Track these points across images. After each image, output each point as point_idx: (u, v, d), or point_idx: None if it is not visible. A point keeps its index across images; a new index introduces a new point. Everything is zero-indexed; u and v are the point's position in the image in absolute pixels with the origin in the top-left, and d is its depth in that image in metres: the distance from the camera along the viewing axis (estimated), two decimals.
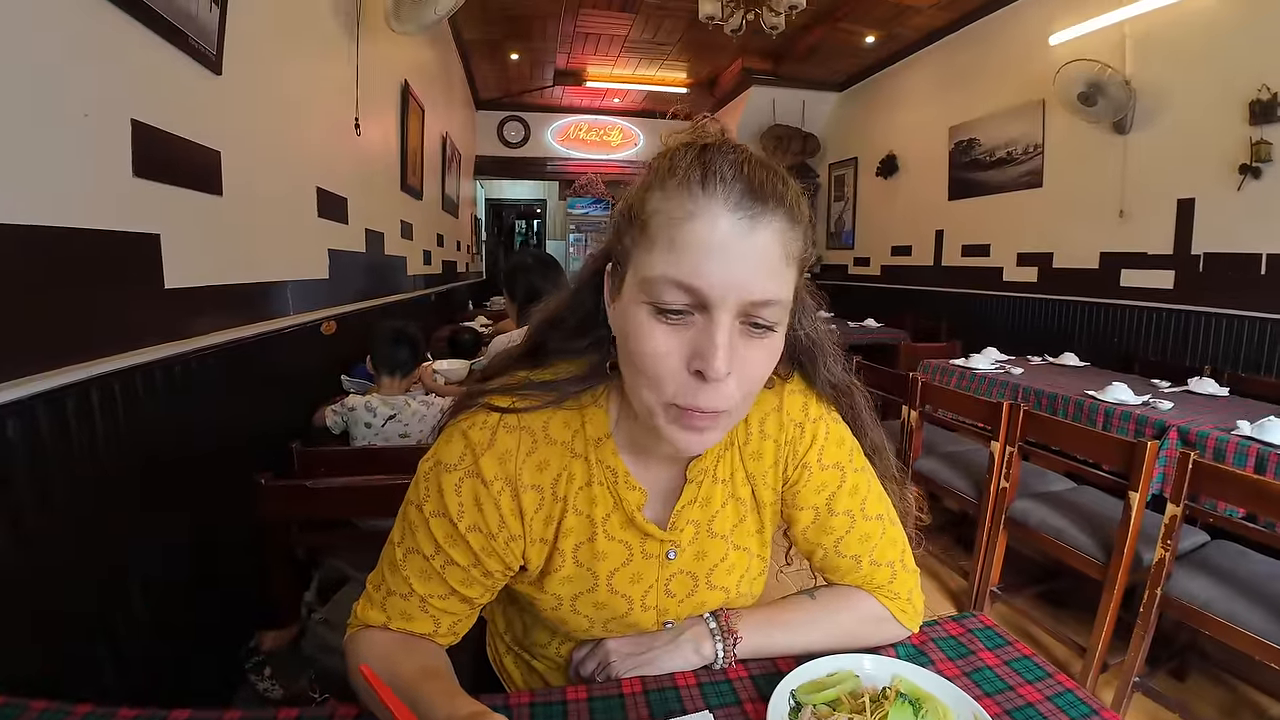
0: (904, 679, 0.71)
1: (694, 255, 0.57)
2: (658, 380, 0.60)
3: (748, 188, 0.58)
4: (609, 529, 0.75)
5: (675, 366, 0.59)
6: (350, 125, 3.02)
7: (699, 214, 0.57)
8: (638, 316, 0.60)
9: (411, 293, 4.41)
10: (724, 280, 0.56)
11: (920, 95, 6.15)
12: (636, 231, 0.62)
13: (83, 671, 1.22)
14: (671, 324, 0.59)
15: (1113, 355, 3.95)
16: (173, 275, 1.53)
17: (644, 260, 0.60)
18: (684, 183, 0.59)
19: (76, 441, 1.21)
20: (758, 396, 0.75)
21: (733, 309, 0.58)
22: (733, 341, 0.59)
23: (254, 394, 1.97)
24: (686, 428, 0.62)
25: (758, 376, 0.62)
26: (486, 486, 0.69)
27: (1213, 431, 2.06)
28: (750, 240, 0.57)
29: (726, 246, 0.57)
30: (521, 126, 8.77)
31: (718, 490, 0.79)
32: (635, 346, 0.61)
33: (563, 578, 0.75)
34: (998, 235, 5.16)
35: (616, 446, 0.74)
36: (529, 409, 0.72)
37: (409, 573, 0.71)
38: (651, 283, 0.58)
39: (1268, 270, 3.26)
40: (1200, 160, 3.55)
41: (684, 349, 0.59)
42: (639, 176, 0.65)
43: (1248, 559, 1.85)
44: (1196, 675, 2.12)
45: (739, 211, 0.57)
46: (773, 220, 0.58)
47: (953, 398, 2.62)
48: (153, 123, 1.47)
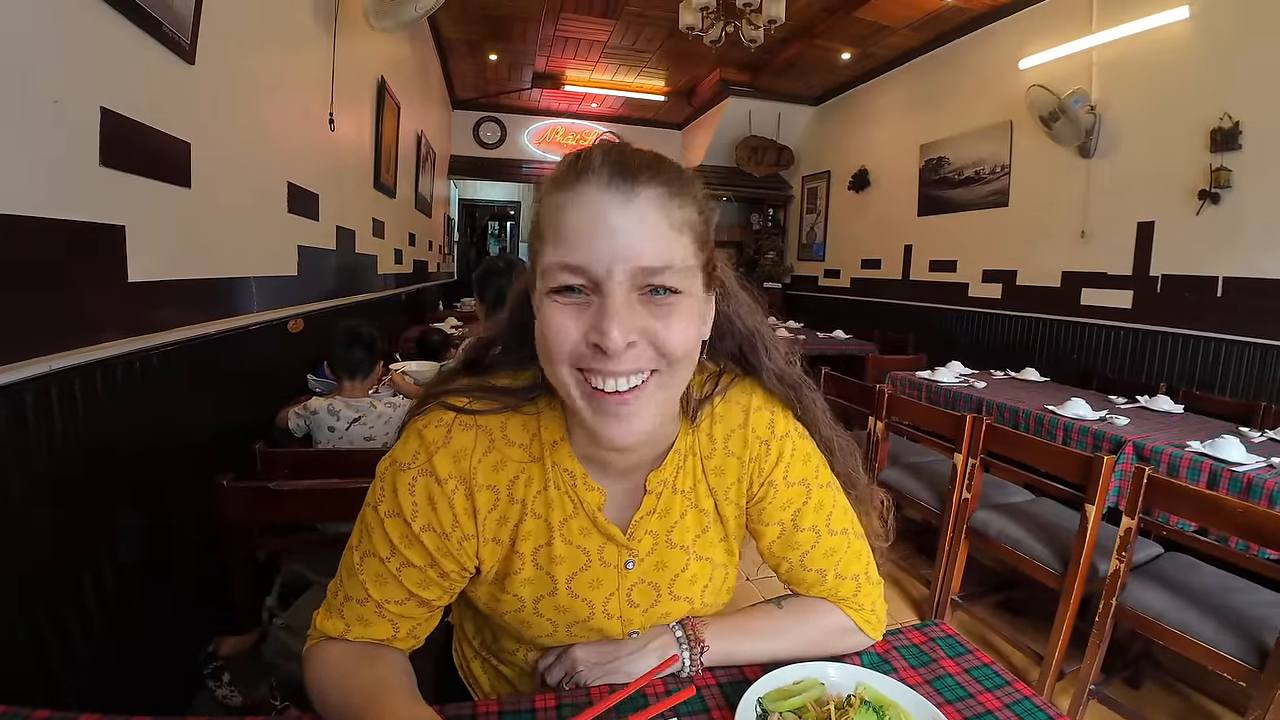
0: (868, 687, 0.72)
1: (575, 236, 0.60)
2: (559, 350, 0.62)
3: (616, 168, 0.61)
4: (566, 533, 0.75)
5: (574, 336, 0.61)
6: (324, 120, 2.97)
7: (575, 200, 0.61)
8: (542, 307, 0.63)
9: (382, 292, 4.35)
10: (606, 253, 0.59)
11: (893, 113, 6.27)
12: (535, 238, 0.66)
13: (35, 675, 1.18)
14: (570, 303, 0.61)
15: (1072, 371, 4.06)
16: (137, 268, 1.50)
17: (542, 257, 0.63)
18: (562, 181, 0.63)
19: (34, 438, 1.17)
20: (722, 412, 0.80)
21: (623, 280, 0.59)
22: (632, 312, 0.60)
23: (217, 392, 1.92)
24: (605, 413, 0.63)
25: (675, 343, 0.63)
26: (440, 485, 0.70)
27: (1167, 447, 2.13)
28: (627, 210, 0.60)
29: (603, 221, 0.59)
30: (498, 127, 8.73)
31: (677, 501, 0.79)
32: (543, 331, 0.63)
33: (523, 580, 0.75)
34: (964, 252, 5.28)
35: (573, 452, 0.75)
36: (485, 411, 0.73)
37: (365, 577, 0.71)
38: (547, 271, 0.61)
39: (1224, 292, 3.39)
40: (1161, 185, 3.68)
41: (582, 323, 0.61)
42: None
43: (1200, 571, 1.91)
44: (1150, 683, 2.18)
45: (611, 189, 0.60)
46: (648, 188, 0.61)
47: (918, 410, 2.67)
48: (123, 111, 1.44)
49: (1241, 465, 1.96)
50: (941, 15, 5.08)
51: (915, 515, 2.92)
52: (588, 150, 0.64)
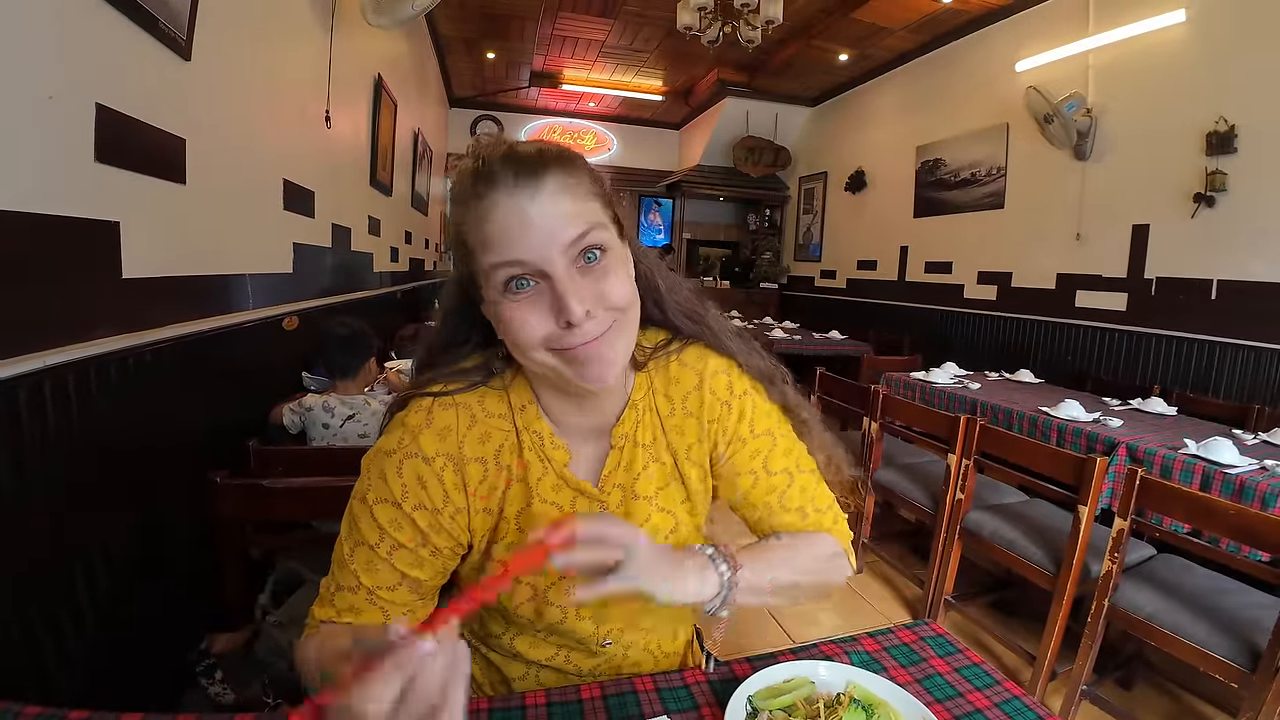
0: (858, 685, 0.72)
1: (504, 237, 0.66)
2: (535, 340, 0.68)
3: (516, 169, 0.66)
4: (542, 492, 0.79)
5: (545, 324, 0.67)
6: (321, 117, 2.97)
7: (491, 209, 0.66)
8: (500, 305, 0.68)
9: (378, 290, 4.35)
10: (537, 243, 0.65)
11: (890, 114, 6.28)
12: (462, 251, 0.71)
13: (27, 672, 1.17)
14: (526, 295, 0.67)
15: (1066, 373, 4.07)
16: (131, 265, 1.49)
17: (478, 264, 0.68)
18: (471, 194, 0.68)
19: (28, 434, 1.17)
20: (677, 374, 0.86)
21: (561, 258, 0.66)
22: (578, 283, 0.67)
23: (211, 389, 1.92)
24: (578, 364, 0.69)
25: (619, 294, 0.70)
26: (429, 463, 0.74)
27: (1160, 449, 2.14)
28: (538, 203, 0.66)
29: (521, 218, 0.65)
30: (495, 126, 8.71)
31: (640, 454, 0.83)
32: (509, 328, 0.69)
33: (505, 545, 0.79)
34: (960, 253, 5.29)
35: (540, 411, 0.80)
36: (460, 390, 0.78)
37: (356, 566, 0.73)
38: (491, 273, 0.67)
39: (1218, 295, 3.40)
40: (1156, 188, 3.69)
41: (545, 313, 0.67)
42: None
43: (1192, 573, 1.92)
44: (1142, 684, 2.19)
45: (519, 189, 0.66)
46: (549, 179, 0.67)
47: (912, 411, 2.68)
48: (118, 107, 1.43)
49: (1234, 468, 1.97)
50: (938, 17, 5.09)
51: (909, 515, 2.93)
52: (484, 159, 0.68)
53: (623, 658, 0.90)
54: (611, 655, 0.89)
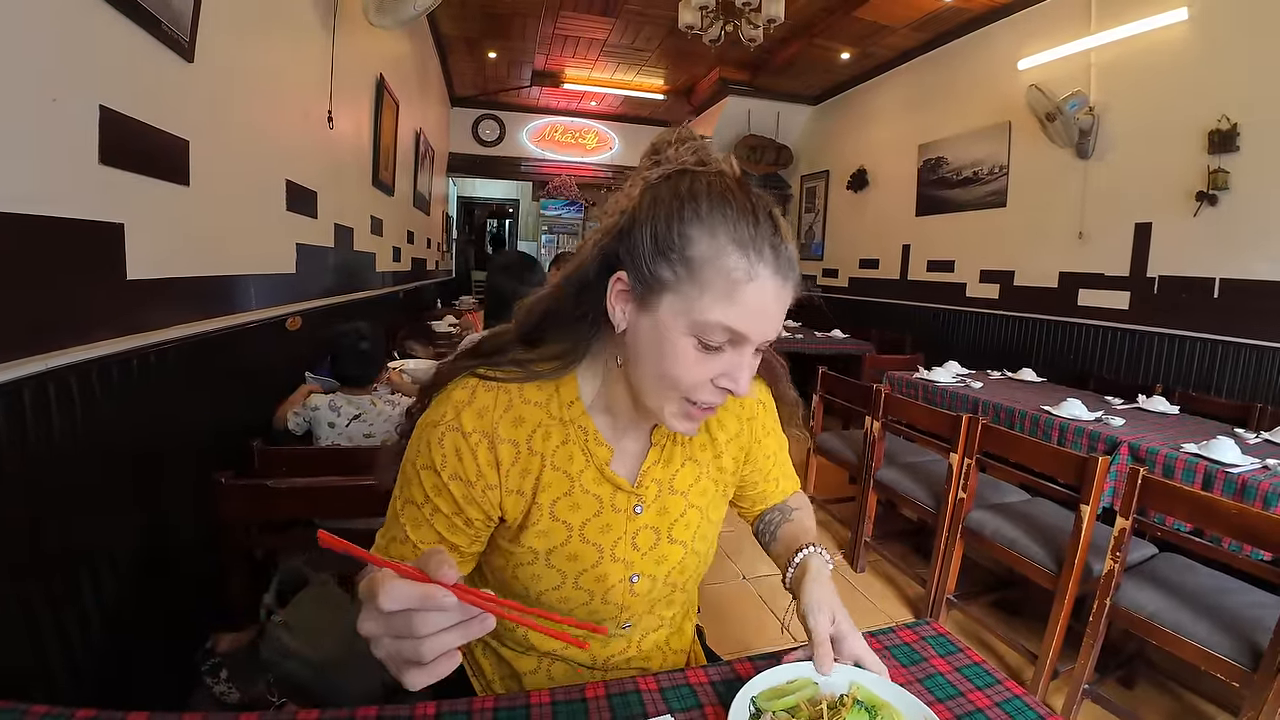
0: (860, 686, 0.72)
1: (749, 313, 0.68)
2: (682, 386, 0.72)
3: (788, 260, 0.70)
4: (584, 483, 0.83)
5: (704, 382, 0.72)
6: (323, 118, 2.97)
7: (756, 279, 0.68)
8: (678, 344, 0.70)
9: (380, 289, 4.36)
10: (764, 331, 0.70)
11: (892, 112, 6.27)
12: (681, 269, 0.69)
13: (33, 672, 1.18)
14: (714, 351, 0.70)
15: (1069, 372, 4.07)
16: (135, 266, 1.50)
17: (697, 303, 0.69)
18: (739, 240, 0.68)
19: (32, 436, 1.17)
20: None
21: (761, 345, 0.72)
22: (754, 366, 0.74)
23: (215, 390, 1.93)
24: (691, 419, 0.75)
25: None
26: (465, 438, 0.77)
27: (1162, 448, 2.14)
28: (782, 299, 0.71)
29: (770, 305, 0.70)
30: (497, 125, 8.72)
31: (677, 451, 0.90)
32: (670, 367, 0.71)
33: (538, 532, 0.82)
34: (962, 252, 5.28)
35: (586, 409, 0.83)
36: (505, 379, 0.82)
37: (405, 520, 0.79)
38: (706, 326, 0.69)
39: (1220, 294, 3.40)
40: (1159, 186, 3.68)
41: (714, 367, 0.71)
42: (652, 191, 0.73)
43: (1194, 572, 1.92)
44: (1144, 683, 2.19)
45: (778, 277, 0.69)
46: (792, 279, 0.71)
47: (914, 410, 2.68)
48: (122, 110, 1.44)
49: (1236, 467, 1.97)
50: (940, 15, 5.08)
51: (911, 514, 2.93)
52: (775, 223, 0.71)
53: (635, 647, 0.93)
54: (626, 643, 0.93)
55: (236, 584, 1.42)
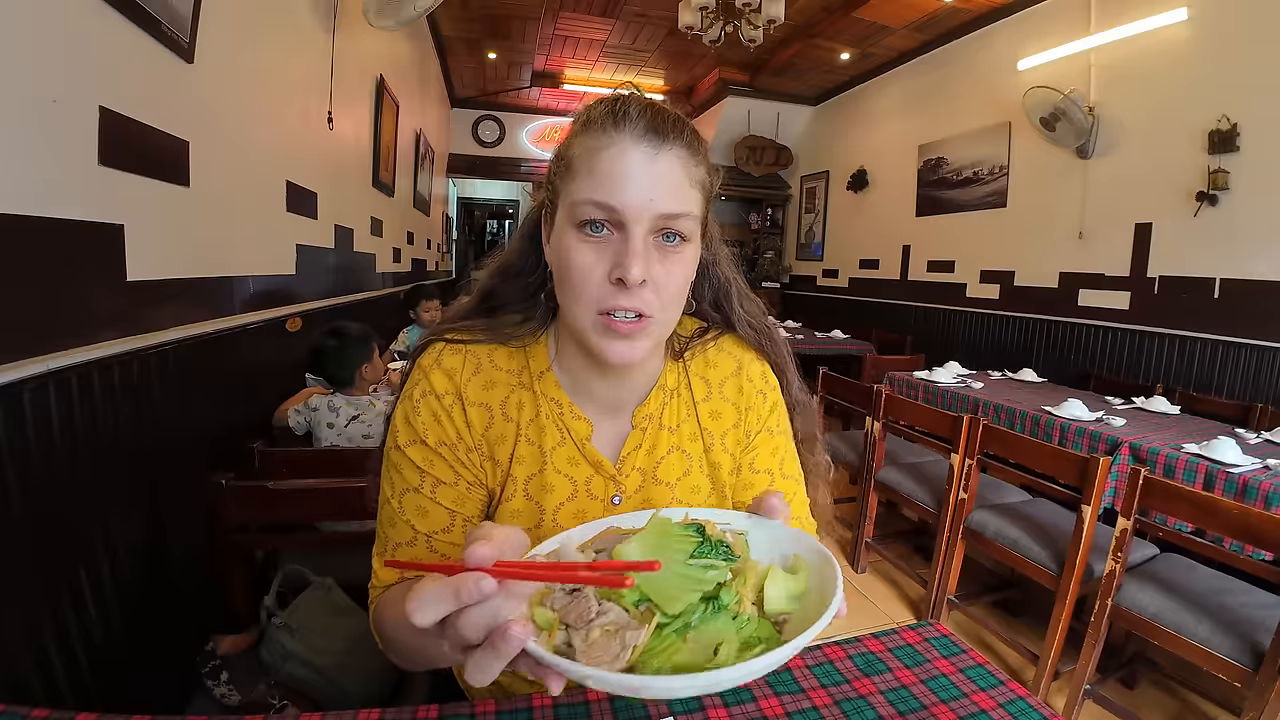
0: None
1: (608, 178, 0.67)
2: (585, 290, 0.68)
3: (650, 125, 0.68)
4: (556, 462, 0.79)
5: (599, 276, 0.68)
6: (323, 119, 2.97)
7: (610, 145, 0.67)
8: (567, 238, 0.69)
9: (380, 290, 4.35)
10: (635, 198, 0.66)
11: (891, 113, 6.27)
12: (563, 170, 0.72)
13: (33, 675, 1.17)
14: (594, 240, 0.68)
15: (1069, 372, 4.07)
16: (135, 267, 1.50)
17: (570, 189, 0.70)
18: (598, 124, 0.69)
19: (32, 438, 1.17)
20: (715, 359, 0.88)
21: (645, 224, 0.67)
22: (648, 253, 0.68)
23: (216, 391, 1.92)
24: (611, 335, 0.69)
25: (675, 286, 0.71)
26: (439, 399, 0.76)
27: (1163, 448, 2.14)
28: (654, 165, 0.67)
29: (635, 170, 0.67)
30: (496, 126, 8.72)
31: (663, 437, 0.84)
32: (565, 265, 0.69)
33: (512, 510, 0.78)
34: (962, 252, 5.28)
35: (559, 381, 0.80)
36: (473, 341, 0.80)
37: (408, 515, 0.75)
38: (576, 205, 0.68)
39: (1220, 294, 3.39)
40: (1159, 186, 3.68)
41: (605, 263, 0.67)
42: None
43: (1196, 572, 1.92)
44: (1145, 684, 2.19)
45: (644, 143, 0.67)
46: (674, 149, 0.68)
47: (915, 410, 2.68)
48: (121, 110, 1.44)
49: (1237, 467, 1.97)
50: (940, 16, 5.08)
51: (912, 515, 2.93)
52: (623, 99, 0.71)
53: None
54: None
55: (237, 586, 1.41)
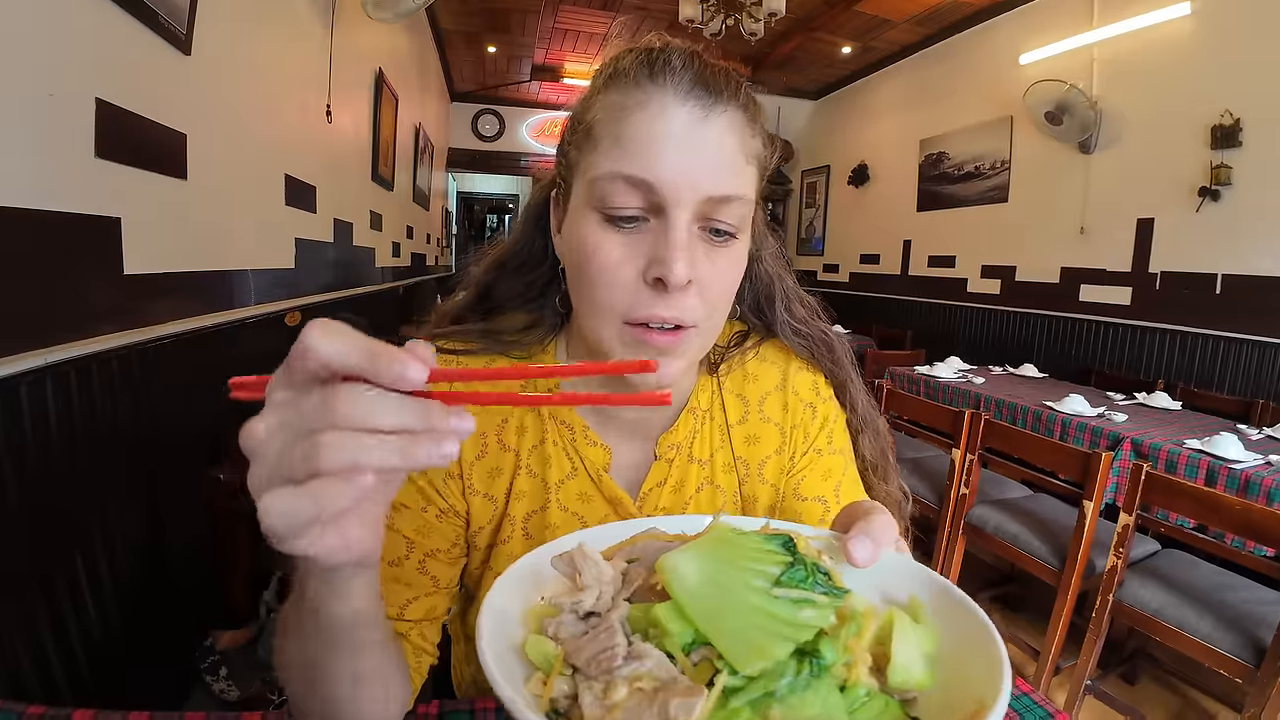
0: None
1: (644, 145, 0.51)
2: (610, 295, 0.53)
3: (699, 77, 0.53)
4: (562, 498, 0.65)
5: (630, 277, 0.52)
6: (322, 112, 2.95)
7: (647, 104, 0.52)
8: (586, 227, 0.53)
9: (380, 285, 4.34)
10: (678, 172, 0.51)
11: (893, 107, 6.25)
12: (581, 138, 0.56)
13: (30, 670, 1.17)
14: (624, 231, 0.52)
15: (1070, 368, 4.06)
16: (133, 261, 1.49)
17: (590, 162, 0.54)
18: (629, 78, 0.54)
19: (30, 431, 1.16)
20: (755, 370, 0.71)
21: (690, 208, 0.52)
22: (693, 246, 0.53)
23: (215, 385, 1.90)
24: (646, 350, 0.54)
25: (723, 290, 0.56)
26: None
27: (1165, 444, 2.13)
28: (704, 130, 0.52)
29: (679, 136, 0.51)
30: (496, 120, 8.68)
31: (693, 472, 0.68)
32: (584, 261, 0.54)
33: (509, 552, 0.65)
34: (963, 247, 5.27)
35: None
36: (466, 351, 0.65)
37: None
38: (598, 183, 0.52)
39: (1222, 290, 3.38)
40: (1161, 181, 3.67)
41: (639, 258, 0.52)
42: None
43: (1197, 568, 1.92)
44: (1146, 679, 2.19)
45: (691, 100, 0.52)
46: (727, 111, 0.54)
47: (916, 405, 2.67)
48: (118, 103, 1.42)
49: (1239, 463, 1.97)
50: (942, 10, 5.05)
51: (913, 511, 2.92)
52: (662, 48, 0.55)
53: None
54: None
55: (236, 581, 1.41)
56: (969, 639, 0.36)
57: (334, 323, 0.30)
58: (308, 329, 0.30)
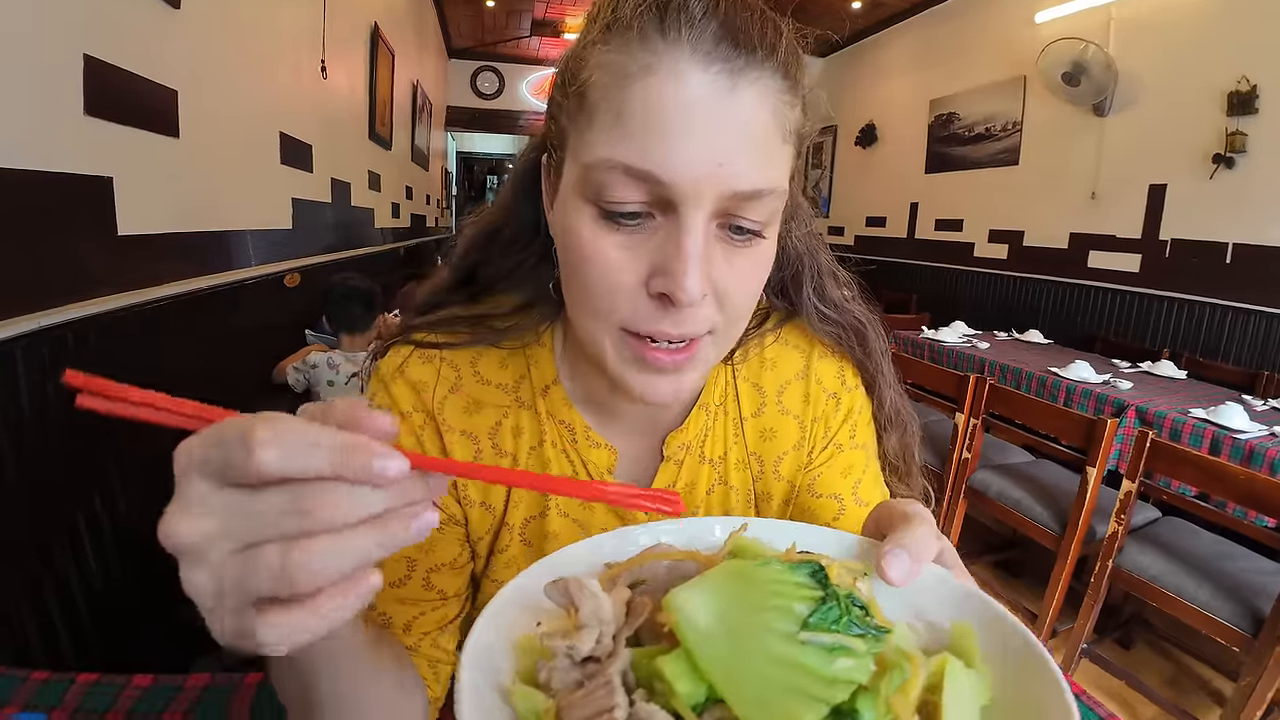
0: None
1: (651, 127, 0.40)
2: (607, 304, 0.45)
3: (725, 30, 0.41)
4: (562, 504, 0.60)
5: (630, 284, 0.44)
6: (316, 68, 2.88)
7: (657, 68, 0.40)
8: (579, 220, 0.44)
9: (380, 246, 4.30)
10: (695, 163, 0.40)
11: (903, 66, 6.09)
12: (573, 105, 0.45)
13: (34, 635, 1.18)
14: (625, 229, 0.43)
15: (1076, 334, 4.03)
16: (126, 221, 1.46)
17: (585, 141, 0.43)
18: (633, 31, 0.42)
19: (27, 397, 1.15)
20: (774, 356, 0.64)
21: (709, 205, 0.42)
22: (709, 251, 0.43)
23: (213, 348, 1.90)
24: (648, 369, 0.46)
25: (744, 298, 0.47)
26: (405, 418, 0.56)
27: (1170, 412, 2.12)
28: (731, 104, 0.41)
29: (697, 113, 0.40)
30: (495, 77, 8.50)
31: (704, 473, 0.62)
32: (578, 261, 0.45)
33: (508, 560, 0.60)
34: (971, 211, 5.19)
35: (569, 395, 0.59)
36: (450, 344, 0.58)
37: None
38: (594, 172, 0.42)
39: (1233, 259, 3.33)
40: (1175, 147, 3.59)
41: (641, 264, 0.43)
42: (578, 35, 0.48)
43: (1198, 537, 1.92)
44: (1142, 645, 2.22)
45: (714, 63, 0.40)
46: (762, 76, 0.42)
47: (920, 369, 2.65)
48: (107, 58, 1.38)
49: (1243, 433, 1.96)
50: None
51: None
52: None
53: None
54: None
55: None
56: (1028, 684, 0.31)
57: (283, 422, 0.26)
58: (253, 431, 0.25)
